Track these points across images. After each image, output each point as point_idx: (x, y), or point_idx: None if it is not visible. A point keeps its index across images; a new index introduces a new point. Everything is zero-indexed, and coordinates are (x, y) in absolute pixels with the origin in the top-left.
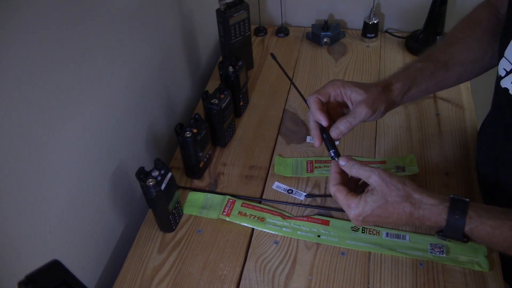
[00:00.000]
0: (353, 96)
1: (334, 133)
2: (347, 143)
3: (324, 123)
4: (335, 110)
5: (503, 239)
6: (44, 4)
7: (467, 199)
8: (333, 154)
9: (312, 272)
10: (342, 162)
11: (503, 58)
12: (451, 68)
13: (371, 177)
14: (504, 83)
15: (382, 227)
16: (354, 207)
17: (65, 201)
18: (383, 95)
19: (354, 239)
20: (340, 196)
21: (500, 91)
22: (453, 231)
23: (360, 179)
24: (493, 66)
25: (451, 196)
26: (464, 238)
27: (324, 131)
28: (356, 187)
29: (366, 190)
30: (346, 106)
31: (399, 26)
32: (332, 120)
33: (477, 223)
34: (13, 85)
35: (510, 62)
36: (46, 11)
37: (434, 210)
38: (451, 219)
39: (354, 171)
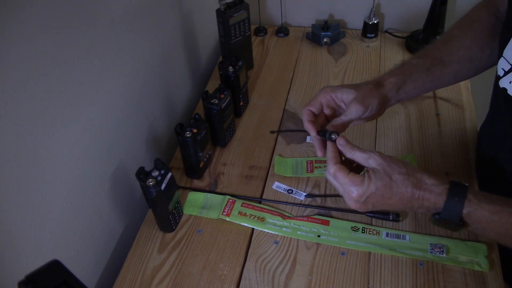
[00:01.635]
0: (344, 97)
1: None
2: None
3: (313, 133)
4: (333, 117)
5: (500, 225)
6: (44, 5)
7: (466, 184)
8: (334, 136)
9: (312, 272)
10: (341, 141)
11: (502, 57)
12: (447, 65)
13: (371, 157)
14: (502, 83)
15: (378, 210)
16: (358, 185)
17: (65, 201)
18: (375, 90)
19: (354, 239)
20: (341, 174)
21: (498, 91)
22: (450, 213)
23: (354, 163)
24: (492, 65)
25: (451, 180)
26: (460, 222)
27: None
28: (350, 169)
29: (365, 170)
30: (342, 109)
31: (399, 26)
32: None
33: (476, 207)
34: (13, 85)
35: (508, 62)
36: (47, 12)
37: (434, 190)
38: (450, 201)
39: (353, 152)
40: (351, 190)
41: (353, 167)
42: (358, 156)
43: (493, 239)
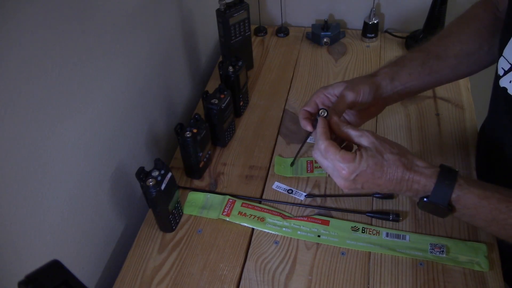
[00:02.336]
0: (336, 91)
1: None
2: None
3: (309, 128)
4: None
5: (489, 211)
6: (44, 4)
7: (457, 169)
8: (323, 113)
9: (312, 272)
10: (334, 118)
11: (502, 57)
12: (444, 59)
13: (364, 135)
14: (502, 82)
15: (366, 191)
16: (349, 162)
17: (65, 201)
18: (366, 79)
19: (354, 239)
20: (332, 150)
21: (498, 90)
22: (440, 197)
23: (343, 142)
24: (492, 62)
25: (441, 164)
26: (449, 206)
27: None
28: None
29: (357, 148)
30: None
31: (399, 26)
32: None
33: (466, 191)
34: (13, 85)
35: (508, 62)
36: (47, 11)
37: (425, 172)
38: (440, 183)
39: (346, 130)
40: (341, 167)
41: (343, 147)
42: (351, 133)
43: (479, 226)
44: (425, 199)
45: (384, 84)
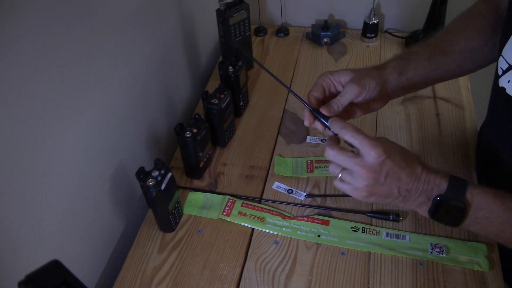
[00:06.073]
0: (342, 79)
1: (325, 111)
2: None
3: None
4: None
5: (502, 210)
6: (44, 4)
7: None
8: (328, 127)
9: (312, 272)
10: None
11: (501, 57)
12: (450, 55)
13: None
14: (501, 82)
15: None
16: (378, 146)
17: (65, 201)
18: (374, 72)
19: (354, 239)
20: (360, 135)
21: (497, 90)
22: (454, 192)
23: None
24: (494, 59)
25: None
26: (463, 204)
27: (316, 111)
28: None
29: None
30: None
31: (399, 26)
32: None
33: (479, 190)
34: (13, 85)
35: (507, 61)
36: (47, 11)
37: (439, 173)
38: (454, 181)
39: (348, 136)
40: (370, 153)
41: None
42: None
43: (493, 233)
44: (438, 197)
45: (391, 78)
